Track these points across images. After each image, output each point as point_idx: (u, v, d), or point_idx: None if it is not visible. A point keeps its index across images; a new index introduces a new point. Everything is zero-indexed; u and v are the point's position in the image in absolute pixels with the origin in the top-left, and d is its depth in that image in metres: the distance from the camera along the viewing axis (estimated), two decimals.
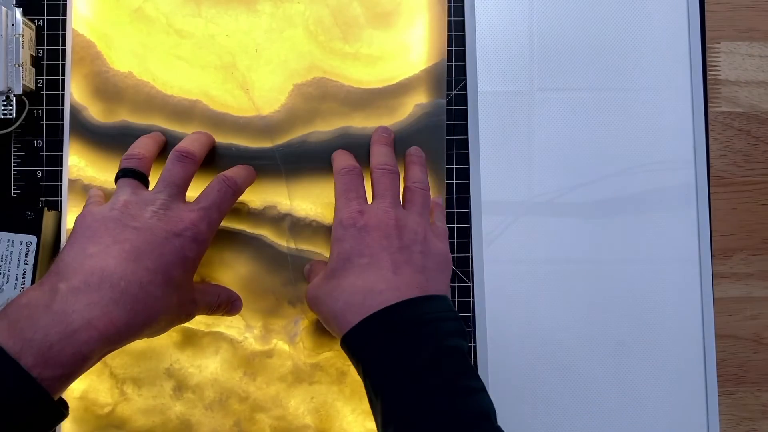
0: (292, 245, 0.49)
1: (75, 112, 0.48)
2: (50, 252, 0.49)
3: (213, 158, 0.49)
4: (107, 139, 0.49)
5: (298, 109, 0.49)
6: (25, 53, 0.48)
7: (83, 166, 0.48)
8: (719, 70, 0.54)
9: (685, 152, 0.52)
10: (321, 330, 0.49)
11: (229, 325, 0.48)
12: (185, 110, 0.49)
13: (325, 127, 0.49)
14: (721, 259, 0.53)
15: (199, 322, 0.48)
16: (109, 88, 0.49)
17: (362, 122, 0.50)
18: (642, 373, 0.51)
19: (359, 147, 0.49)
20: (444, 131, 0.50)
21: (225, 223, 0.49)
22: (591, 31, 0.52)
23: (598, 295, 0.51)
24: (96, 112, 0.49)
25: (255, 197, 0.49)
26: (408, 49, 0.50)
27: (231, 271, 0.49)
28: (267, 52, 0.50)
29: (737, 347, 0.53)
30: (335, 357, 0.49)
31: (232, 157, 0.49)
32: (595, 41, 0.52)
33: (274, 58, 0.50)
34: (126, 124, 0.49)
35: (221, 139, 0.49)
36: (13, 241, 0.47)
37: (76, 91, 0.49)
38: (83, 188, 0.48)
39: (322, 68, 0.50)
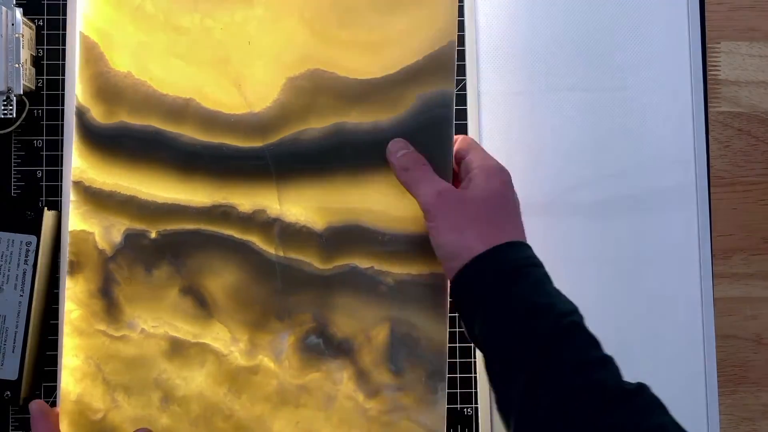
0: (281, 253, 0.46)
1: (80, 114, 0.47)
2: (50, 252, 0.49)
3: (204, 159, 0.46)
4: (107, 141, 0.47)
5: (290, 105, 0.46)
6: (25, 53, 0.48)
7: (85, 168, 0.47)
8: (719, 70, 0.54)
9: (685, 152, 0.52)
10: (308, 349, 0.46)
11: (215, 337, 0.46)
12: (179, 109, 0.47)
13: (319, 124, 0.46)
14: (721, 259, 0.53)
15: (186, 332, 0.47)
16: (109, 88, 0.47)
17: (359, 117, 0.46)
18: (642, 372, 0.51)
19: (354, 145, 0.46)
20: (451, 125, 0.45)
21: (214, 228, 0.47)
22: (591, 32, 0.52)
23: (598, 295, 0.51)
24: (97, 114, 0.47)
25: (245, 200, 0.46)
26: (412, 33, 0.45)
27: (219, 279, 0.46)
28: (260, 44, 0.47)
29: (737, 347, 0.53)
30: (322, 379, 0.46)
31: (223, 158, 0.46)
32: (595, 41, 0.52)
33: (267, 50, 0.47)
34: (124, 125, 0.47)
35: (212, 138, 0.47)
36: (13, 241, 0.47)
37: (81, 93, 0.48)
38: (85, 190, 0.47)
39: (317, 59, 0.46)
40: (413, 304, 0.45)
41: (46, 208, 0.48)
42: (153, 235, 0.46)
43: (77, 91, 0.47)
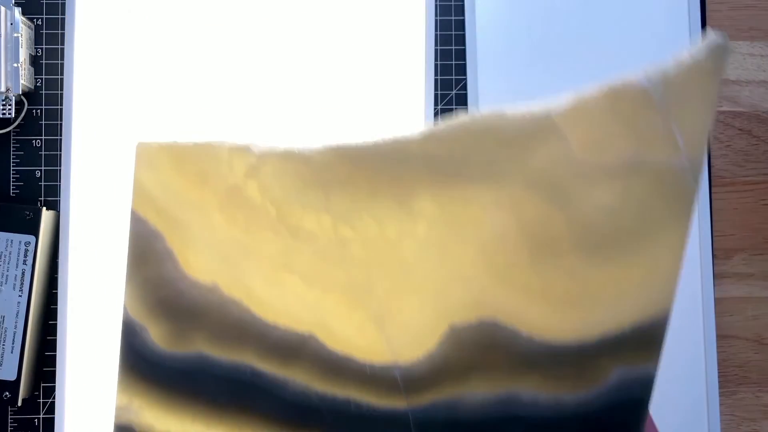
0: None
1: (130, 333, 0.35)
2: (49, 252, 0.49)
3: (322, 416, 0.35)
4: (175, 376, 0.35)
5: (450, 360, 0.34)
6: (24, 53, 0.48)
7: (137, 409, 0.35)
8: None
9: None
10: None
11: None
12: (291, 347, 0.35)
13: (484, 388, 0.34)
14: (722, 259, 0.53)
15: None
16: (182, 303, 0.34)
17: (537, 387, 0.34)
18: None
19: (528, 422, 0.34)
20: (647, 411, 0.34)
21: None
22: (591, 31, 0.52)
23: None
24: (159, 336, 0.35)
25: None
26: (620, 291, 0.34)
27: None
28: (419, 272, 0.34)
29: (738, 347, 0.53)
30: None
31: (350, 417, 0.35)
32: (596, 41, 0.52)
33: (428, 283, 0.34)
34: (202, 357, 0.35)
35: (336, 389, 0.35)
36: (11, 241, 0.47)
37: (132, 303, 0.35)
38: None
39: (494, 306, 0.34)
40: None
41: (44, 208, 0.47)
42: None
43: (126, 298, 0.35)
